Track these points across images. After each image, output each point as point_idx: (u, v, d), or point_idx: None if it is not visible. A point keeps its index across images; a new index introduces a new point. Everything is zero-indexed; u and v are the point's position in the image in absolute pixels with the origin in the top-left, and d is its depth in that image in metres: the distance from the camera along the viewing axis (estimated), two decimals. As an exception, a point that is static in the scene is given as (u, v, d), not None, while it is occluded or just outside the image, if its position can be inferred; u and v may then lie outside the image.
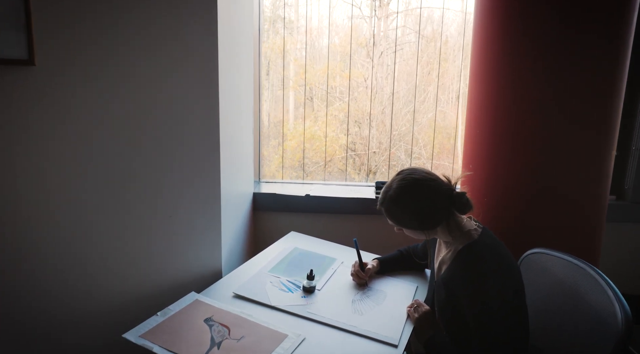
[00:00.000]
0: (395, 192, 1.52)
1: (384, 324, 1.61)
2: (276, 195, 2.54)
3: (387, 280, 1.91)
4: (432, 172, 1.56)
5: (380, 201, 1.58)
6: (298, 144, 3.09)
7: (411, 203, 1.51)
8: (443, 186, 1.52)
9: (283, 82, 3.01)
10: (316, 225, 2.57)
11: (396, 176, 1.57)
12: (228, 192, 1.95)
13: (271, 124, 2.97)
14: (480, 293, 1.41)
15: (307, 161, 3.32)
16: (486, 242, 1.49)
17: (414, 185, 1.51)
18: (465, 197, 1.51)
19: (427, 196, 1.50)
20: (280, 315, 1.60)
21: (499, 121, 1.97)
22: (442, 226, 1.54)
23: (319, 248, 2.16)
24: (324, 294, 1.76)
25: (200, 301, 1.62)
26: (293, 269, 1.92)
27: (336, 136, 3.26)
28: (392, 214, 1.55)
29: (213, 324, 1.50)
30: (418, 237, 1.60)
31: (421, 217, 1.51)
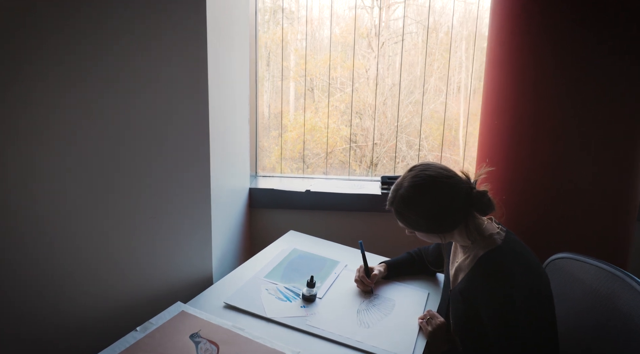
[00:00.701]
0: (407, 191, 1.33)
1: (393, 338, 1.43)
2: (274, 191, 2.35)
3: (396, 286, 1.73)
4: (449, 168, 1.37)
5: (389, 200, 1.40)
6: (298, 135, 3.03)
7: (425, 204, 1.32)
8: (461, 183, 1.34)
9: (282, 73, 2.91)
10: (317, 223, 2.39)
11: (408, 173, 1.38)
12: (219, 189, 1.76)
13: (271, 115, 2.90)
14: (505, 307, 1.23)
15: (308, 152, 3.26)
16: (511, 249, 1.31)
17: (428, 183, 1.32)
18: (486, 197, 1.33)
19: (444, 195, 1.31)
20: (276, 329, 1.42)
21: (521, 110, 1.78)
22: (460, 228, 1.35)
23: (320, 249, 1.98)
24: (326, 303, 1.58)
25: (186, 313, 1.44)
26: (291, 274, 1.74)
27: (337, 127, 3.22)
28: (403, 216, 1.37)
29: (200, 341, 1.32)
30: (432, 241, 1.41)
31: (436, 220, 1.33)
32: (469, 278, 1.34)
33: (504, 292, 1.24)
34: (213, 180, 1.65)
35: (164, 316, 1.41)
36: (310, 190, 2.34)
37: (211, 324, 1.40)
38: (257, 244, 2.15)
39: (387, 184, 2.39)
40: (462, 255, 1.43)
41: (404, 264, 1.79)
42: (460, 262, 1.41)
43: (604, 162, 1.72)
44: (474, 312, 1.32)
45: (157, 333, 1.33)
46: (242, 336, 1.36)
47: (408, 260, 1.80)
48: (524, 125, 1.77)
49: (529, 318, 1.24)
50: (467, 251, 1.39)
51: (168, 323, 1.38)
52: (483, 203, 1.32)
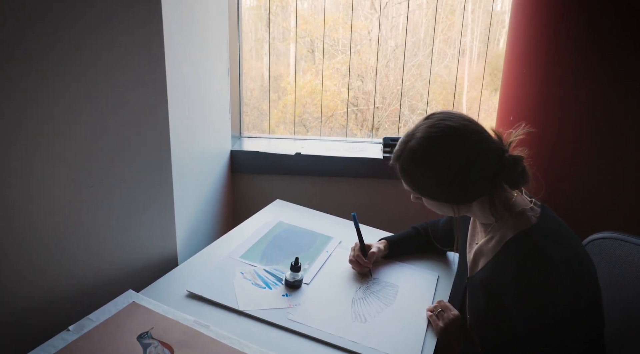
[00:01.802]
0: (420, 144, 1.02)
1: (396, 336, 1.15)
2: (259, 154, 2.04)
3: (399, 268, 1.44)
4: (476, 121, 1.05)
5: (395, 154, 1.09)
6: (298, 98, 2.96)
7: (441, 163, 1.01)
8: (491, 143, 1.02)
9: (283, 35, 2.68)
10: (308, 192, 2.08)
11: (424, 121, 1.06)
12: (184, 150, 1.45)
13: (271, 77, 2.87)
14: (543, 303, 0.95)
15: (308, 116, 3.10)
16: (550, 229, 1.01)
17: (448, 136, 1.01)
18: (521, 165, 1.02)
19: (466, 155, 1.00)
20: (250, 325, 1.14)
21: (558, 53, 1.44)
22: (481, 201, 1.05)
23: (310, 222, 1.68)
24: (314, 290, 1.29)
25: (138, 305, 1.15)
26: (274, 254, 1.45)
27: (338, 90, 3.14)
28: (409, 176, 1.06)
29: (150, 343, 1.03)
30: (442, 212, 1.11)
31: (452, 186, 1.02)
32: (494, 265, 1.05)
33: (542, 284, 0.95)
34: (174, 139, 1.33)
35: (108, 310, 1.12)
36: (301, 153, 2.02)
37: (168, 319, 1.11)
38: (240, 215, 1.85)
39: (391, 147, 2.07)
40: (483, 235, 1.13)
41: (408, 240, 1.50)
42: (482, 245, 1.11)
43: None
44: (499, 306, 1.03)
45: (95, 333, 1.04)
46: (205, 335, 1.07)
47: (413, 236, 1.50)
48: (558, 76, 1.44)
49: (574, 316, 0.95)
50: (491, 231, 1.09)
51: (112, 319, 1.09)
52: (516, 173, 1.01)
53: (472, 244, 1.19)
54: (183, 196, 1.44)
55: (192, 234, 1.57)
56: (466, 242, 1.22)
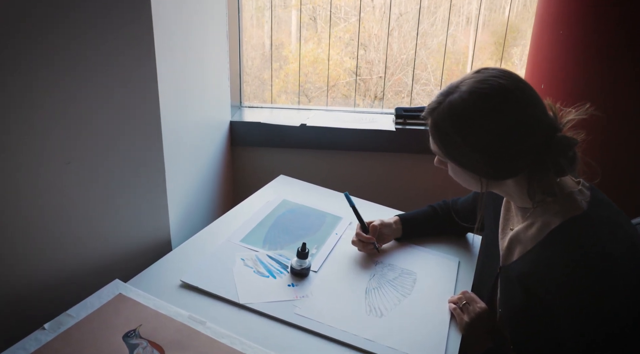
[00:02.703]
0: (463, 99, 0.87)
1: (416, 332, 1.02)
2: (261, 125, 1.87)
3: (415, 252, 1.30)
4: (533, 89, 0.89)
5: (430, 106, 0.93)
6: (300, 67, 2.87)
7: (482, 126, 0.86)
8: (545, 117, 0.87)
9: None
10: (315, 167, 1.93)
11: (473, 74, 0.90)
12: (177, 121, 1.29)
13: (273, 46, 2.72)
14: (598, 309, 0.81)
15: (310, 86, 2.98)
16: (603, 217, 0.86)
17: (498, 97, 0.85)
18: (572, 150, 0.86)
19: (514, 123, 0.85)
20: (253, 320, 1.01)
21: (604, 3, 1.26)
22: (518, 179, 0.90)
23: (317, 200, 1.53)
24: (324, 279, 1.16)
25: (125, 298, 1.02)
26: (278, 237, 1.31)
27: (340, 59, 3.06)
28: (441, 134, 0.91)
29: (138, 343, 0.91)
30: (467, 184, 0.96)
31: (489, 155, 0.87)
32: (535, 257, 0.90)
33: (595, 284, 0.80)
34: (164, 108, 1.17)
35: (91, 304, 0.99)
36: (306, 124, 1.86)
37: (159, 315, 0.98)
38: (242, 193, 1.71)
39: (403, 118, 1.91)
40: (520, 220, 0.98)
41: (425, 219, 1.35)
42: (519, 232, 0.97)
43: None
44: (539, 304, 0.90)
45: (74, 332, 0.91)
46: (201, 334, 0.94)
47: (430, 215, 1.36)
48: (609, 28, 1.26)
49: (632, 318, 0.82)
50: (531, 217, 0.94)
51: (95, 315, 0.96)
52: (565, 158, 0.86)
53: (505, 230, 1.05)
54: (176, 172, 1.29)
55: (188, 215, 1.43)
56: (498, 226, 1.08)
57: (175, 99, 1.26)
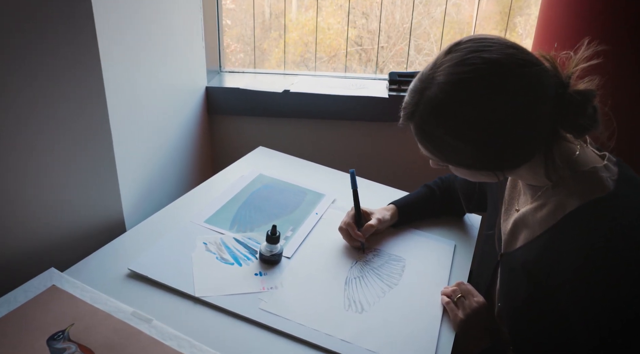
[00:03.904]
0: (443, 92, 0.69)
1: (402, 331, 0.87)
2: (240, 91, 1.69)
3: (405, 235, 1.14)
4: (522, 47, 0.71)
5: (406, 109, 0.77)
6: (300, 36, 2.80)
7: (477, 118, 0.69)
8: (547, 78, 0.69)
9: None
10: (298, 137, 1.76)
11: (446, 56, 0.72)
12: (126, 79, 1.11)
13: (272, 14, 2.65)
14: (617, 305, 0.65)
15: (310, 56, 2.85)
16: (634, 200, 0.69)
17: (486, 77, 0.68)
18: (591, 104, 0.69)
19: (515, 103, 0.68)
20: (209, 317, 0.86)
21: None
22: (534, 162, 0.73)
23: (298, 176, 1.37)
24: (297, 267, 1.00)
25: (58, 291, 0.86)
26: (249, 217, 1.15)
27: (342, 28, 2.95)
28: (431, 140, 0.74)
29: (64, 348, 0.75)
30: (477, 179, 0.80)
31: (495, 148, 0.70)
32: (545, 246, 0.74)
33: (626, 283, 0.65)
34: (109, 71, 0.99)
35: (16, 298, 0.83)
36: (290, 90, 1.68)
37: (97, 311, 0.83)
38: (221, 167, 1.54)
39: (398, 84, 1.72)
40: (528, 200, 0.82)
41: (422, 203, 1.18)
42: (526, 214, 0.80)
43: None
44: (546, 299, 0.74)
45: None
46: (143, 334, 0.79)
47: (427, 197, 1.19)
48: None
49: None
50: (542, 197, 0.77)
51: (18, 312, 0.81)
52: (584, 115, 0.68)
53: (509, 210, 0.88)
54: (128, 141, 1.12)
55: (149, 192, 1.26)
56: (500, 206, 0.91)
57: (124, 60, 1.07)
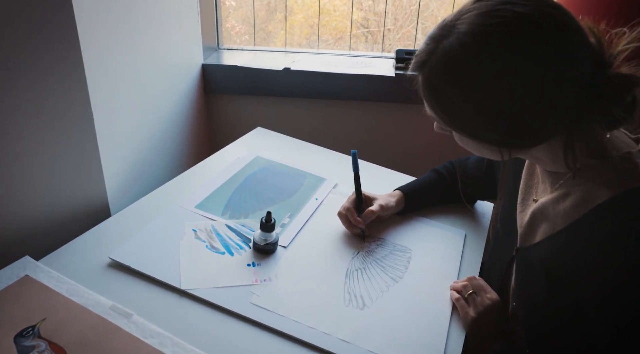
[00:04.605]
0: (463, 43, 0.61)
1: (407, 330, 0.79)
2: (238, 68, 1.60)
3: (412, 224, 1.06)
4: (565, 9, 0.61)
5: (418, 57, 0.67)
6: (305, 18, 2.71)
7: (496, 80, 0.60)
8: (586, 50, 0.60)
9: None
10: (298, 118, 1.67)
11: (474, 3, 0.62)
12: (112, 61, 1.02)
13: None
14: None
15: (316, 39, 2.77)
16: None
17: (515, 33, 0.58)
18: (631, 93, 0.60)
19: (544, 69, 0.58)
20: (196, 312, 0.78)
21: None
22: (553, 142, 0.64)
23: (298, 158, 1.28)
24: (294, 257, 0.92)
25: (32, 281, 0.79)
26: (243, 202, 1.07)
27: (348, 9, 2.81)
28: (438, 96, 0.66)
29: (32, 346, 0.68)
30: (481, 154, 0.71)
31: (509, 120, 0.62)
32: (568, 242, 0.66)
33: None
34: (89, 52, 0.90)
35: (-17, 290, 0.76)
36: (290, 68, 1.58)
37: (72, 305, 0.75)
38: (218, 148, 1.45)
39: (405, 62, 1.62)
40: (548, 188, 0.73)
41: (431, 189, 1.10)
42: (547, 204, 0.72)
43: None
44: (569, 298, 0.66)
45: (-50, 330, 0.69)
46: (122, 331, 0.72)
47: (436, 183, 1.10)
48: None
49: None
50: (565, 186, 0.69)
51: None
52: (620, 103, 0.59)
53: (527, 200, 0.80)
54: (112, 119, 1.04)
55: (137, 174, 1.18)
56: (516, 194, 0.83)
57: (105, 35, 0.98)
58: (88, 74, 0.91)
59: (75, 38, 0.87)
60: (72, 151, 0.94)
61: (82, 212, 0.99)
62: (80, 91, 0.91)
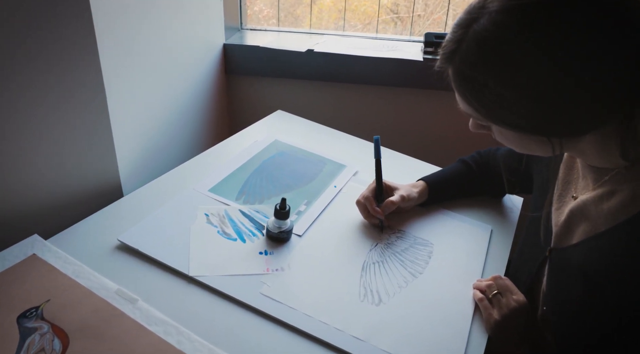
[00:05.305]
0: (497, 24, 0.54)
1: (425, 329, 0.74)
2: (260, 49, 1.55)
3: (435, 216, 1.00)
4: None
5: (446, 48, 0.61)
6: (334, 2, 2.59)
7: (540, 58, 0.53)
8: None
9: None
10: (320, 101, 1.62)
11: None
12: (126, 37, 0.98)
13: None
14: None
15: (345, 23, 2.68)
16: None
17: (555, 7, 0.51)
18: None
19: (594, 44, 0.51)
20: (203, 300, 0.75)
21: None
22: (604, 132, 0.57)
23: (318, 143, 1.24)
24: (308, 246, 0.88)
25: (39, 261, 0.77)
26: (259, 187, 1.03)
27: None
28: (474, 88, 0.59)
29: (35, 328, 0.66)
30: (527, 150, 0.65)
31: (555, 105, 0.54)
32: (615, 245, 0.60)
33: None
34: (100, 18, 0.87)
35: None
36: (314, 50, 1.52)
37: (77, 287, 0.73)
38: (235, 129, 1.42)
39: (434, 46, 1.55)
40: (588, 184, 0.67)
41: (457, 181, 1.04)
42: (588, 202, 0.65)
43: None
44: (607, 311, 0.60)
45: (-48, 308, 0.67)
46: (126, 317, 0.69)
47: (463, 174, 1.04)
48: None
49: None
50: (610, 183, 0.62)
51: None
52: None
53: (565, 197, 0.73)
54: (126, 98, 1.01)
55: (151, 155, 1.16)
56: (552, 189, 0.76)
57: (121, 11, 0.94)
58: (101, 50, 0.87)
59: (88, 12, 0.83)
60: (83, 129, 0.91)
61: (94, 192, 0.96)
62: (92, 67, 0.88)
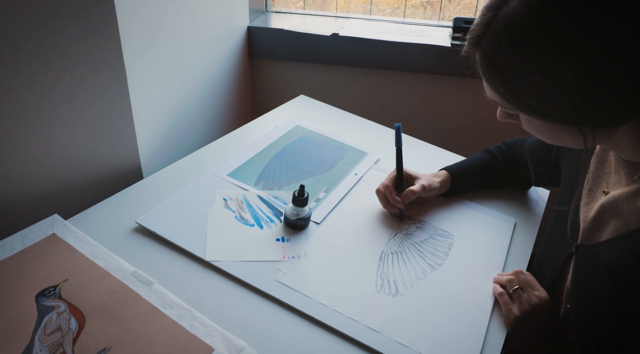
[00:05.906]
0: (528, 5, 0.51)
1: (442, 323, 0.73)
2: (284, 32, 1.53)
3: (456, 207, 0.98)
4: None
5: (473, 34, 0.58)
6: None
7: (573, 42, 0.50)
8: None
9: None
10: (344, 87, 1.59)
11: None
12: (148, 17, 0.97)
13: None
14: None
15: (373, 8, 2.64)
16: None
17: None
18: None
19: (627, 26, 0.48)
20: (219, 285, 0.75)
21: None
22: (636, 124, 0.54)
23: (340, 129, 1.22)
24: (326, 235, 0.87)
25: (58, 240, 0.78)
26: (278, 173, 1.02)
27: None
28: (503, 74, 0.57)
29: (52, 307, 0.67)
30: (557, 141, 0.62)
31: (590, 91, 0.51)
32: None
33: None
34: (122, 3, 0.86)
35: (12, 245, 0.76)
36: (339, 34, 1.49)
37: (94, 267, 0.74)
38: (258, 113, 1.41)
39: (463, 32, 1.50)
40: (621, 179, 0.63)
41: (481, 172, 1.00)
42: (620, 198, 0.62)
43: None
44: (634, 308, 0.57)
45: (-26, 284, 0.69)
46: (141, 299, 0.70)
47: (487, 164, 1.01)
48: None
49: None
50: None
51: (11, 261, 0.73)
52: None
53: (595, 191, 0.70)
54: (146, 75, 1.00)
55: (172, 138, 1.15)
56: (582, 183, 0.73)
57: None
58: (122, 31, 0.87)
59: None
60: (104, 110, 0.91)
61: (114, 174, 0.97)
62: (114, 48, 0.87)
